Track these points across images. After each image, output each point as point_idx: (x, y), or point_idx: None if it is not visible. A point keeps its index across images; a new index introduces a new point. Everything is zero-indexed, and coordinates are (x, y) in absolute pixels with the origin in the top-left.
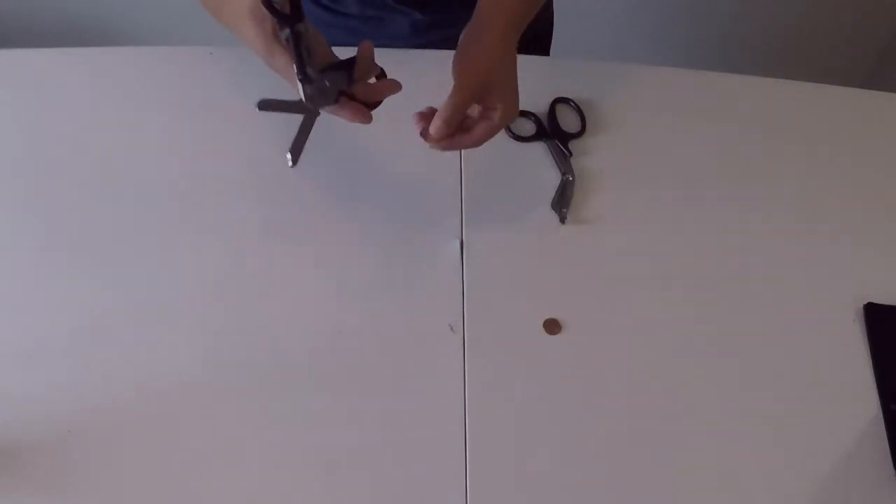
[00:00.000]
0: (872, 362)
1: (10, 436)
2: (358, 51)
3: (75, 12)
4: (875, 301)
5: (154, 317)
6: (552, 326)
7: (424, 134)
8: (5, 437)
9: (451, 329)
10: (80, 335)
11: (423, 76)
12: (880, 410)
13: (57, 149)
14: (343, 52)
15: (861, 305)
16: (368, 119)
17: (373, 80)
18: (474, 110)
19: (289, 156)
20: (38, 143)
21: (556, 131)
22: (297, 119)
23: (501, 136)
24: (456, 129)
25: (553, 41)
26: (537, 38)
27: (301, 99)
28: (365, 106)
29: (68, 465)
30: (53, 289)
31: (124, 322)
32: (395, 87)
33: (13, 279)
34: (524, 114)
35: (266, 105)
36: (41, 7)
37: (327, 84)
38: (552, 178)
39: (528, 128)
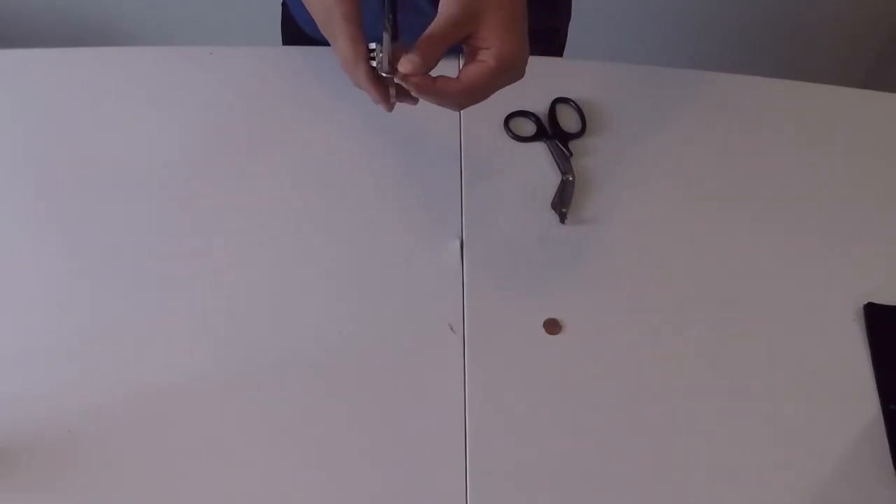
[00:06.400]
0: (872, 362)
1: (10, 436)
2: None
3: (75, 12)
4: (875, 301)
5: (153, 317)
6: (552, 326)
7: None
8: (5, 437)
9: (451, 329)
10: (80, 335)
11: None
12: (880, 410)
13: (57, 149)
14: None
15: (861, 305)
16: (391, 107)
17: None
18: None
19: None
20: (37, 144)
21: (556, 131)
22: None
23: (501, 135)
24: (433, 66)
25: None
26: (550, 34)
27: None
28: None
29: (68, 465)
30: (53, 288)
31: (124, 322)
32: (411, 101)
33: (12, 278)
34: (524, 114)
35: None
36: (41, 7)
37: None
38: (552, 178)
39: (528, 128)
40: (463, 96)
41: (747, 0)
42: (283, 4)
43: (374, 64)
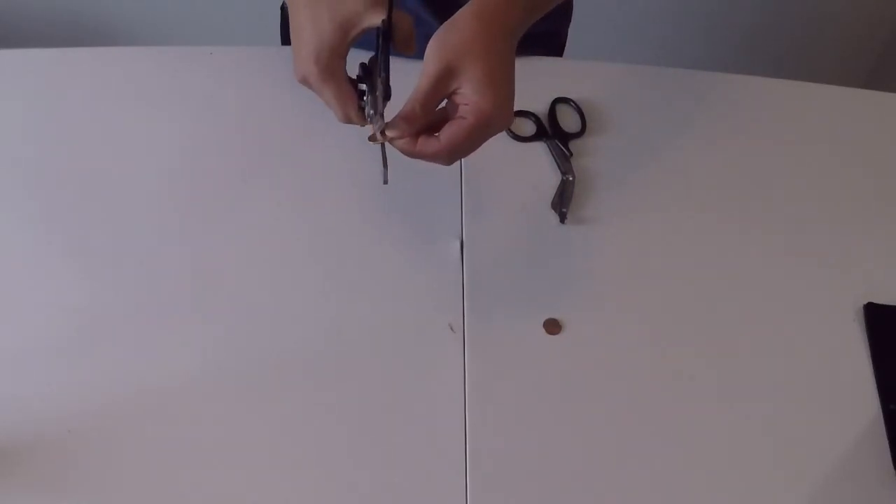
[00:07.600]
0: (872, 362)
1: (10, 436)
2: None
3: (75, 12)
4: (875, 301)
5: (153, 316)
6: (552, 326)
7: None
8: (5, 437)
9: (451, 329)
10: (80, 335)
11: None
12: (880, 410)
13: (56, 149)
14: None
15: (861, 305)
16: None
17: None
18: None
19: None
20: (37, 143)
21: (556, 131)
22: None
23: (502, 135)
24: (421, 128)
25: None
26: (550, 38)
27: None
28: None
29: (68, 465)
30: (53, 288)
31: (124, 322)
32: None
33: (12, 278)
34: (524, 114)
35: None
36: (41, 7)
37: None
38: (552, 178)
39: (528, 128)
40: (445, 156)
41: (747, 0)
42: (282, 7)
43: (362, 105)
